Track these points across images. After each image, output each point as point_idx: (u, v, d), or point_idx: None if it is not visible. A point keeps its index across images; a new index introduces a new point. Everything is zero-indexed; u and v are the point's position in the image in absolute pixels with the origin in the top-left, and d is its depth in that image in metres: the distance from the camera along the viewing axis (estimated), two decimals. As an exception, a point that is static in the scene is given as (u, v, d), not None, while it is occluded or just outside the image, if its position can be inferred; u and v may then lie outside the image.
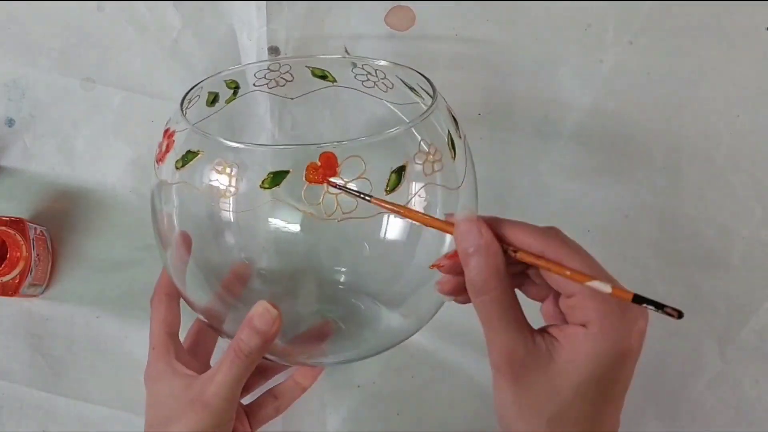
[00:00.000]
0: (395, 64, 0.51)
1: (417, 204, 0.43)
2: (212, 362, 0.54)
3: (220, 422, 0.44)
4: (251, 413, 0.54)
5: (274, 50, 0.57)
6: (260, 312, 0.43)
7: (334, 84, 0.54)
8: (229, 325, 0.48)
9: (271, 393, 0.54)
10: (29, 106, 0.58)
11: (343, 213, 0.42)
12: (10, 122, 0.58)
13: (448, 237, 0.40)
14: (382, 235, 0.47)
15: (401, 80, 0.52)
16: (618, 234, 0.59)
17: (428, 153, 0.43)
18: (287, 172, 0.41)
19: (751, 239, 0.59)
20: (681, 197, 0.59)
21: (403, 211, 0.40)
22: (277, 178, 0.41)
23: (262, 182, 0.41)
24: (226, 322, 0.49)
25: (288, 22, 0.57)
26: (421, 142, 0.43)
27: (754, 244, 0.59)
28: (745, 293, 0.59)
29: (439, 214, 0.44)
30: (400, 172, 0.42)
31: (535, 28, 0.58)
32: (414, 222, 0.42)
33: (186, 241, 0.46)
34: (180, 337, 0.50)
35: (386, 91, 0.53)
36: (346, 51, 0.58)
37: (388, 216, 0.46)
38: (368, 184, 0.41)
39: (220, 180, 0.43)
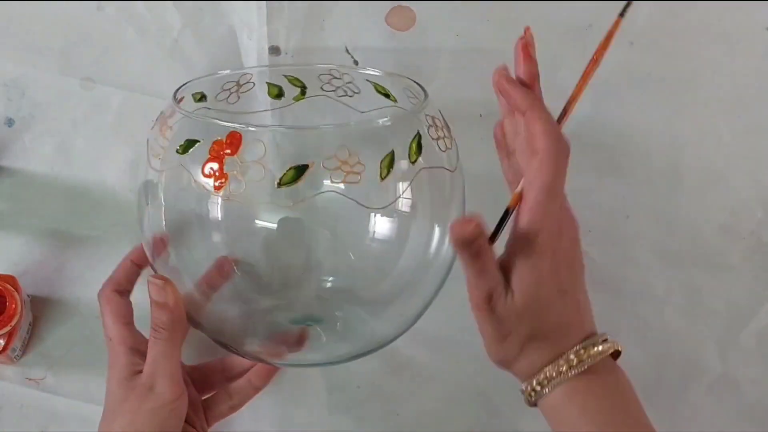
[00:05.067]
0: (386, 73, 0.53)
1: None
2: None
3: (163, 402, 0.47)
4: (207, 408, 0.55)
5: (274, 50, 0.57)
6: (153, 289, 0.47)
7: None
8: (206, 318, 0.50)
9: (226, 391, 0.56)
10: (29, 105, 0.58)
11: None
12: (10, 122, 0.58)
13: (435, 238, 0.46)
14: (371, 234, 0.47)
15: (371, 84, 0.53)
16: (619, 234, 0.59)
17: (437, 127, 0.46)
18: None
19: (751, 240, 0.59)
20: (681, 198, 0.59)
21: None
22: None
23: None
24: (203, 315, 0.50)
25: (288, 22, 0.57)
26: (435, 118, 0.47)
27: (755, 246, 0.59)
28: (745, 295, 0.59)
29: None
30: (418, 141, 0.45)
31: (536, 28, 0.58)
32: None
33: (164, 240, 0.48)
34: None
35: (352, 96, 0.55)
36: (347, 51, 0.58)
37: (374, 215, 0.47)
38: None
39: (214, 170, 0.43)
